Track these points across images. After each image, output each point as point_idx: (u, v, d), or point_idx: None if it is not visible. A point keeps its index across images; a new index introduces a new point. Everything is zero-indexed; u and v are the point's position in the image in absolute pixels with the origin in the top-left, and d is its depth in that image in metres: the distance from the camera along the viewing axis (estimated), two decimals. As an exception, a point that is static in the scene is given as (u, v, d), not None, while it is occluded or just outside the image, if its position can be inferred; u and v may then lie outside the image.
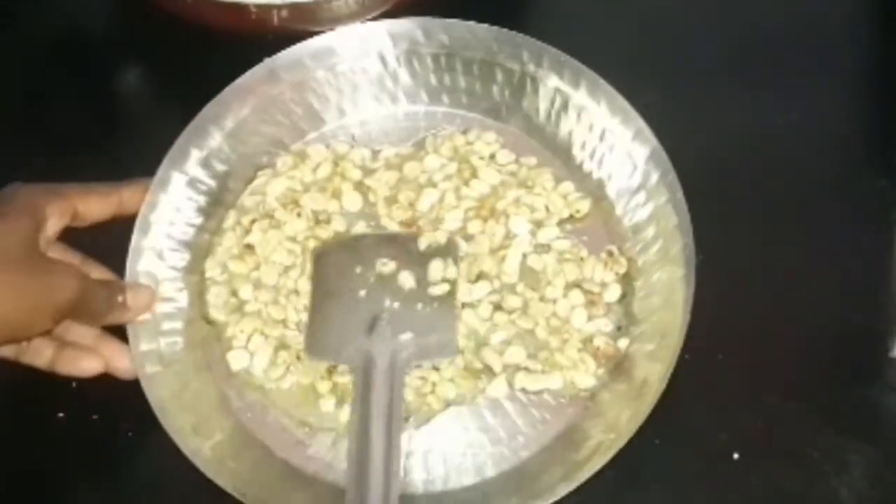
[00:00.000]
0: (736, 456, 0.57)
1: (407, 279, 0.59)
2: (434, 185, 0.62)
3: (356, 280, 0.59)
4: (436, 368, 0.58)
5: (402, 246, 0.60)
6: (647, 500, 0.57)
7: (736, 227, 0.62)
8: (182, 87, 0.68)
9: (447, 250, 0.60)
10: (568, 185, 0.62)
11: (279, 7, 0.64)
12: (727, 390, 0.58)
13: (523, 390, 0.58)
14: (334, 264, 0.60)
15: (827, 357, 0.60)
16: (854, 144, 0.67)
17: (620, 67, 0.62)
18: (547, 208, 0.61)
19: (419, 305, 0.58)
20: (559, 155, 0.63)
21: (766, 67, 0.68)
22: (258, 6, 0.64)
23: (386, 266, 0.59)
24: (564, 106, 0.62)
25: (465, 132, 0.64)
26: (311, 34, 0.63)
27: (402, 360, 0.56)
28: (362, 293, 0.59)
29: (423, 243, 0.60)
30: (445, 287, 0.59)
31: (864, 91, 0.69)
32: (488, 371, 0.58)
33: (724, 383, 0.58)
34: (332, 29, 0.63)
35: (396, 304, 0.58)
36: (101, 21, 0.72)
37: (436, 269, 0.59)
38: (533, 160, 0.63)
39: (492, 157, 0.63)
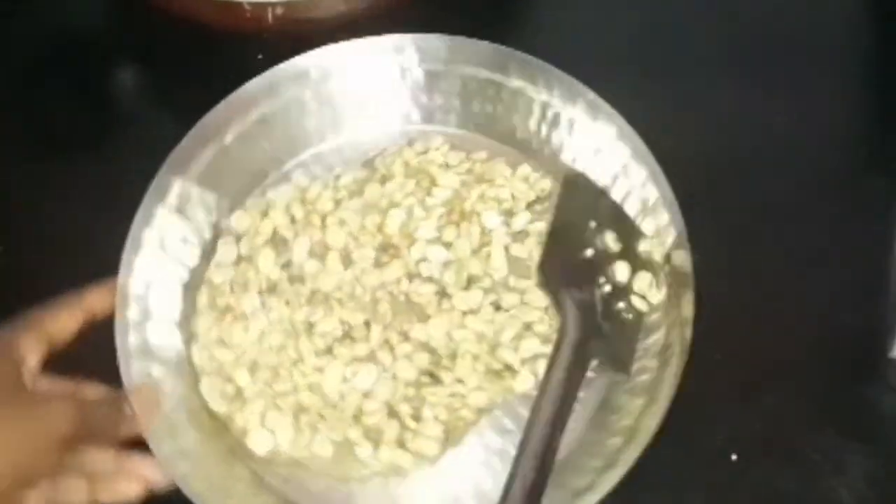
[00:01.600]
0: (734, 456, 0.57)
1: (622, 272, 0.57)
2: (397, 205, 0.61)
3: (588, 235, 0.58)
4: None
5: (630, 234, 0.59)
6: (645, 500, 0.56)
7: (734, 227, 0.62)
8: (177, 86, 0.68)
9: (658, 270, 0.58)
10: (525, 168, 0.62)
11: (274, 4, 0.64)
12: (725, 391, 0.58)
13: None
14: (577, 202, 0.59)
15: (826, 357, 0.59)
16: (853, 143, 0.66)
17: (619, 66, 0.62)
18: (512, 196, 0.61)
19: (619, 305, 0.57)
20: (514, 145, 0.63)
21: (765, 66, 0.67)
22: (253, 4, 0.64)
23: (612, 242, 0.58)
24: (544, 114, 0.62)
25: (411, 143, 0.63)
26: (307, 31, 0.62)
27: (589, 351, 0.54)
28: (588, 253, 0.58)
29: (642, 246, 0.59)
30: (641, 306, 0.57)
31: (863, 90, 0.69)
32: (509, 369, 0.57)
33: (723, 383, 0.58)
34: (325, 27, 0.63)
35: (606, 288, 0.57)
36: (97, 20, 0.72)
37: (641, 280, 0.58)
38: (483, 154, 0.62)
39: (445, 162, 0.62)
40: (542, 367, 0.56)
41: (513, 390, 0.57)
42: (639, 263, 0.58)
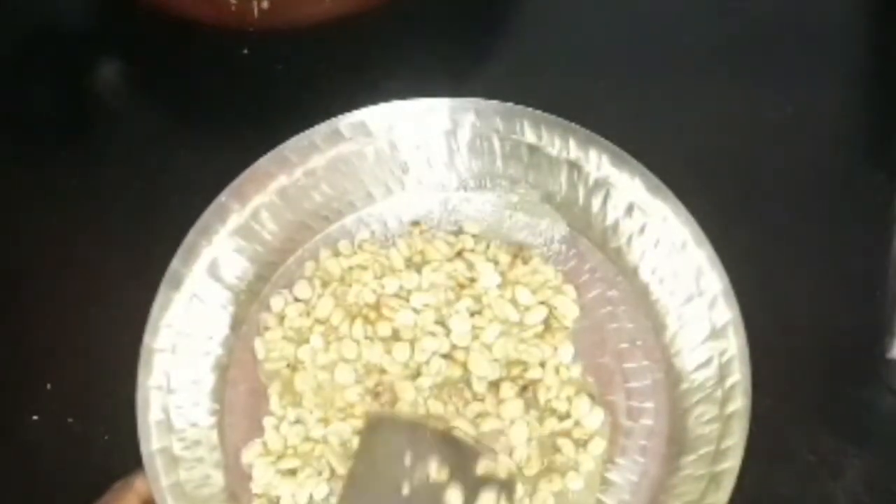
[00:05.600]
0: (730, 459, 0.56)
1: (455, 498, 0.53)
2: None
3: (403, 472, 0.53)
4: None
5: (461, 456, 0.54)
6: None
7: (730, 225, 0.61)
8: (161, 81, 0.68)
9: (504, 485, 0.54)
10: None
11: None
12: (721, 391, 0.57)
13: None
14: (386, 442, 0.54)
15: (823, 358, 0.59)
16: (850, 140, 0.66)
17: (618, 65, 0.62)
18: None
19: None
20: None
21: (762, 62, 0.67)
22: (238, -1, 0.64)
23: (436, 470, 0.53)
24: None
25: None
26: (292, 28, 0.62)
27: None
28: (405, 490, 0.53)
29: (482, 467, 0.54)
30: None
31: (861, 86, 0.68)
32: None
33: (719, 384, 0.58)
34: (310, 22, 0.62)
35: None
36: (80, 13, 0.71)
37: (487, 500, 0.53)
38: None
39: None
40: None
41: None
42: (479, 483, 0.54)
